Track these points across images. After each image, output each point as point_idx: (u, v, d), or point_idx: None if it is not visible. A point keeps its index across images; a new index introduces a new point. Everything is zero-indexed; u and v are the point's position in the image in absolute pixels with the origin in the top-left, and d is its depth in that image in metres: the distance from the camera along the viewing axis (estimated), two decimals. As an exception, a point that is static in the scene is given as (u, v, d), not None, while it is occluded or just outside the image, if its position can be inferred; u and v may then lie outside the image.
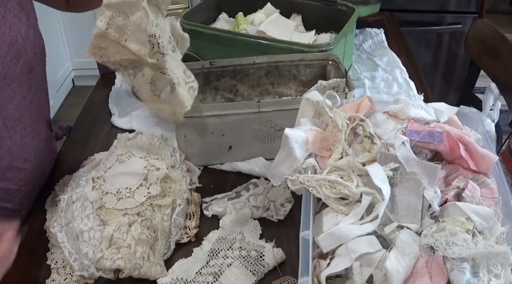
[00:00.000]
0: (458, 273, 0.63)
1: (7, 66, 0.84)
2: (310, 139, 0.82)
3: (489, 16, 1.95)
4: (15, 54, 0.85)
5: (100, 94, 1.37)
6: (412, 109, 0.84)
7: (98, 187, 0.91)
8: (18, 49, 0.86)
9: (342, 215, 0.73)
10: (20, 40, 0.86)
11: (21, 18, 0.88)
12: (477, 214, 0.70)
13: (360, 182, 0.76)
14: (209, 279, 0.83)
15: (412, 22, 2.15)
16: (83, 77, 3.27)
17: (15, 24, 0.86)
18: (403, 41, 1.64)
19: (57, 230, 0.88)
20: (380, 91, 1.34)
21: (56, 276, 0.84)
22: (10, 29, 0.84)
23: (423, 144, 0.78)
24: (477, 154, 0.78)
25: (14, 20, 0.86)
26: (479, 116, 0.94)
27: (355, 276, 0.66)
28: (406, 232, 0.69)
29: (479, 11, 2.15)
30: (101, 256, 0.83)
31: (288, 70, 1.18)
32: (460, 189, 0.75)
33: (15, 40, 0.85)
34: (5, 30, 0.83)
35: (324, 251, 0.70)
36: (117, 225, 0.86)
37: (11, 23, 0.85)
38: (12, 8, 0.86)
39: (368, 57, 1.53)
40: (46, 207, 0.97)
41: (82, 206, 0.90)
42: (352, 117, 0.84)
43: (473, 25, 1.64)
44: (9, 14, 0.85)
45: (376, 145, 0.79)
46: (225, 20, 1.49)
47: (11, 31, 0.84)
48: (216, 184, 1.03)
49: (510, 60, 1.47)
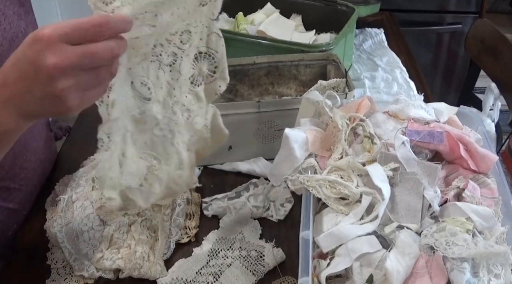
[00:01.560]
0: (458, 273, 0.63)
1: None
2: (310, 139, 0.82)
3: (489, 16, 1.95)
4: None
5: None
6: (412, 109, 0.84)
7: (98, 187, 0.91)
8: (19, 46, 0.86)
9: (342, 215, 0.73)
10: (21, 36, 0.86)
11: (21, 15, 0.88)
12: (477, 214, 0.70)
13: (360, 182, 0.76)
14: (209, 279, 0.83)
15: (412, 22, 2.15)
16: (83, 77, 3.26)
17: (15, 21, 0.85)
18: (403, 41, 1.64)
19: (57, 230, 0.88)
20: (380, 91, 1.34)
21: (56, 276, 0.84)
22: (10, 26, 0.84)
23: (423, 144, 0.78)
24: (477, 154, 0.78)
25: (13, 17, 0.85)
26: (479, 116, 0.94)
27: (355, 276, 0.66)
28: (406, 232, 0.69)
29: (479, 11, 2.15)
30: (101, 256, 0.84)
31: (288, 70, 1.18)
32: (460, 189, 0.75)
33: (15, 36, 0.85)
34: (6, 27, 0.83)
35: (324, 251, 0.70)
36: (117, 225, 0.86)
37: (11, 19, 0.84)
38: (12, 5, 0.86)
39: (368, 57, 1.53)
40: (46, 207, 0.97)
41: (82, 206, 0.90)
42: (352, 117, 0.84)
43: (473, 25, 1.64)
44: (9, 11, 0.85)
45: (376, 145, 0.79)
46: (225, 20, 1.49)
47: (11, 27, 0.84)
48: (216, 184, 1.03)
49: (510, 60, 1.47)
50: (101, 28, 0.53)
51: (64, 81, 0.52)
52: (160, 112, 0.73)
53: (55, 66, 0.51)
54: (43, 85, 0.52)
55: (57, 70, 0.51)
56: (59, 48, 0.51)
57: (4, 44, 0.82)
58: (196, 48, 0.74)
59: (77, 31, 0.52)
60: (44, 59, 0.51)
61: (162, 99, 0.73)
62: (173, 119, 0.74)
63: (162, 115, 0.73)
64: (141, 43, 0.66)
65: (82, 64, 0.52)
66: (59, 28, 0.51)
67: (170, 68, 0.72)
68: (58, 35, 0.51)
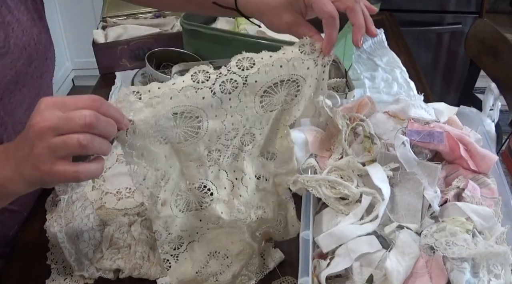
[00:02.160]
0: (458, 273, 0.63)
1: (19, 70, 0.83)
2: (310, 139, 0.82)
3: (489, 16, 1.95)
4: (27, 58, 0.84)
5: (100, 94, 1.36)
6: (412, 109, 0.84)
7: (98, 187, 0.91)
8: (30, 54, 0.85)
9: (342, 215, 0.73)
10: (33, 44, 0.85)
11: (34, 21, 0.87)
12: (477, 214, 0.70)
13: (360, 182, 0.76)
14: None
15: (412, 22, 2.15)
16: (83, 77, 3.27)
17: (28, 27, 0.84)
18: (403, 41, 1.64)
19: (57, 230, 0.88)
20: (380, 91, 1.34)
21: (56, 276, 0.84)
22: (23, 33, 0.83)
23: (423, 144, 0.78)
24: (477, 154, 0.78)
25: (27, 23, 0.84)
26: (479, 116, 0.94)
27: (355, 276, 0.66)
28: (406, 232, 0.69)
29: (479, 11, 2.15)
30: (101, 256, 0.84)
31: (288, 70, 1.18)
32: (460, 189, 0.75)
33: (27, 44, 0.84)
34: (18, 34, 0.82)
35: (324, 251, 0.70)
36: (117, 225, 0.86)
37: (24, 26, 0.84)
38: (26, 10, 0.85)
39: (368, 57, 1.53)
40: (46, 207, 0.97)
41: (82, 206, 0.90)
42: (352, 117, 0.84)
43: (473, 25, 1.64)
44: (23, 17, 0.84)
45: (376, 145, 0.79)
46: (225, 20, 1.49)
47: (24, 35, 0.83)
48: (216, 184, 1.03)
49: (510, 60, 1.47)
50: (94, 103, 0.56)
51: (42, 141, 0.55)
52: (226, 212, 0.73)
53: (37, 124, 0.55)
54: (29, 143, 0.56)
55: (38, 129, 0.55)
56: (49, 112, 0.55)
57: (16, 51, 0.81)
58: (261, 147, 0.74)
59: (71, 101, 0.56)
60: (33, 119, 0.55)
61: (227, 199, 0.73)
62: (241, 218, 0.74)
63: (228, 215, 0.73)
64: (188, 149, 0.66)
65: (58, 127, 0.54)
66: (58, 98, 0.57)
67: (234, 167, 0.73)
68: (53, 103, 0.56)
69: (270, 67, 0.66)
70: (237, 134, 0.69)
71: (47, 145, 0.54)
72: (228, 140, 0.69)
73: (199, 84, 0.63)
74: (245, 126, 0.69)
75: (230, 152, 0.71)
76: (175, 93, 0.61)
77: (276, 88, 0.67)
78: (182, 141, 0.65)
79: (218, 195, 0.71)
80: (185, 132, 0.64)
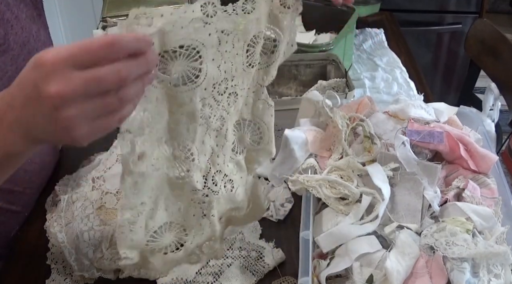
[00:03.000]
0: (458, 273, 0.63)
1: (20, 66, 0.83)
2: (310, 139, 0.83)
3: (489, 16, 1.95)
4: (27, 55, 0.84)
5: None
6: (412, 109, 0.84)
7: (98, 187, 0.91)
8: (30, 50, 0.85)
9: (342, 215, 0.73)
10: (32, 40, 0.85)
11: (33, 17, 0.87)
12: (477, 214, 0.70)
13: (360, 182, 0.76)
14: (209, 279, 0.83)
15: (412, 22, 2.15)
16: (83, 77, 3.27)
17: (27, 24, 0.85)
18: (403, 41, 1.64)
19: (57, 230, 0.88)
20: (380, 91, 1.34)
21: (56, 276, 0.84)
22: (22, 30, 0.83)
23: (423, 144, 0.78)
24: (477, 154, 0.78)
25: (26, 20, 0.85)
26: (479, 116, 0.94)
27: (355, 276, 0.66)
28: (406, 232, 0.69)
29: (479, 11, 2.15)
30: (101, 256, 0.83)
31: (288, 70, 1.18)
32: (460, 189, 0.75)
33: (27, 41, 0.84)
34: (18, 31, 0.82)
35: (324, 251, 0.70)
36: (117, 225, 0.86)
37: (24, 23, 0.84)
38: (25, 7, 0.85)
39: (368, 57, 1.53)
40: (46, 207, 0.97)
41: (82, 206, 0.90)
42: (352, 117, 0.84)
43: (473, 25, 1.64)
44: (22, 14, 0.84)
45: (376, 145, 0.79)
46: (225, 20, 1.49)
47: (23, 31, 0.83)
48: (216, 184, 1.03)
49: (510, 60, 1.47)
50: (112, 49, 0.47)
51: (68, 110, 0.47)
52: (201, 181, 0.66)
53: (57, 94, 0.46)
54: (46, 113, 0.48)
55: (60, 99, 0.47)
56: (63, 74, 0.46)
57: (15, 48, 0.81)
58: (239, 113, 0.68)
59: (84, 55, 0.47)
60: (46, 86, 0.47)
61: (205, 167, 0.66)
62: (214, 190, 0.67)
63: (202, 185, 0.66)
64: (183, 96, 0.59)
65: (87, 92, 0.47)
66: (64, 52, 0.47)
67: (216, 133, 0.66)
68: (62, 60, 0.46)
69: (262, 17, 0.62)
70: (226, 89, 0.64)
71: (79, 112, 0.48)
72: (220, 95, 0.63)
73: (208, 18, 0.56)
74: (233, 79, 0.64)
75: (219, 114, 0.65)
76: (185, 24, 0.54)
77: (258, 39, 0.63)
78: (180, 84, 0.57)
79: (198, 163, 0.64)
80: (185, 72, 0.57)
